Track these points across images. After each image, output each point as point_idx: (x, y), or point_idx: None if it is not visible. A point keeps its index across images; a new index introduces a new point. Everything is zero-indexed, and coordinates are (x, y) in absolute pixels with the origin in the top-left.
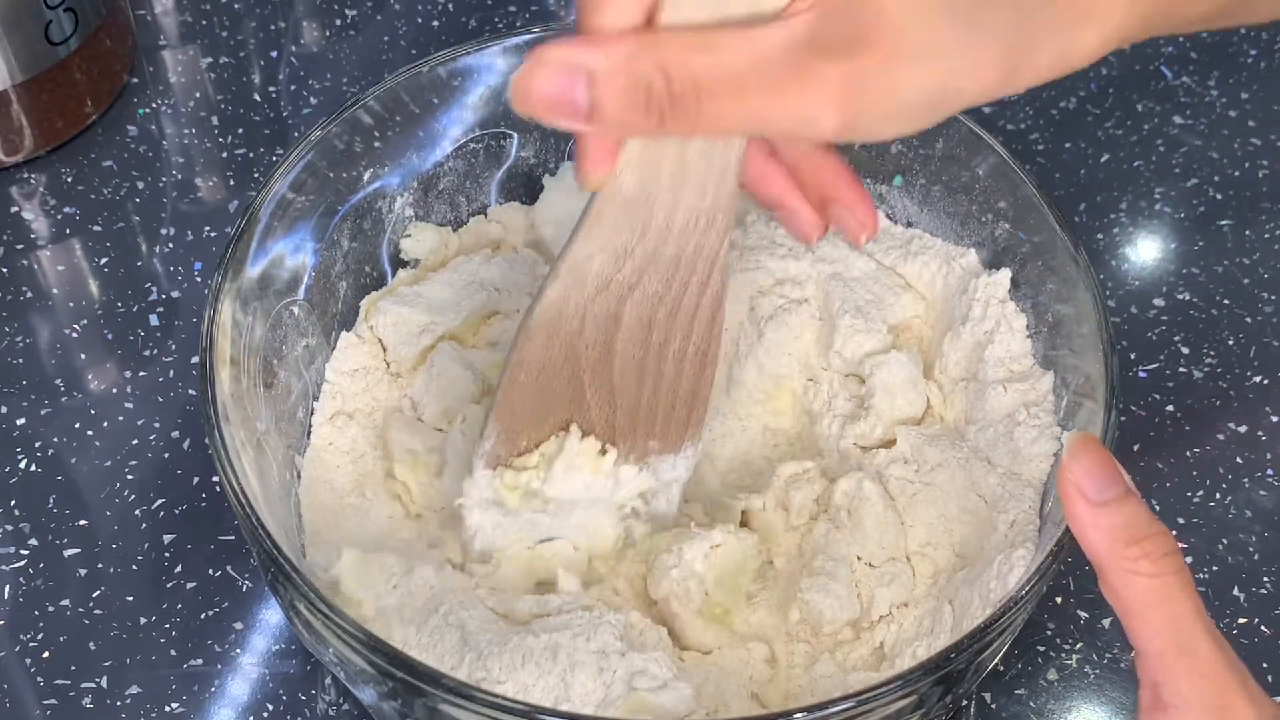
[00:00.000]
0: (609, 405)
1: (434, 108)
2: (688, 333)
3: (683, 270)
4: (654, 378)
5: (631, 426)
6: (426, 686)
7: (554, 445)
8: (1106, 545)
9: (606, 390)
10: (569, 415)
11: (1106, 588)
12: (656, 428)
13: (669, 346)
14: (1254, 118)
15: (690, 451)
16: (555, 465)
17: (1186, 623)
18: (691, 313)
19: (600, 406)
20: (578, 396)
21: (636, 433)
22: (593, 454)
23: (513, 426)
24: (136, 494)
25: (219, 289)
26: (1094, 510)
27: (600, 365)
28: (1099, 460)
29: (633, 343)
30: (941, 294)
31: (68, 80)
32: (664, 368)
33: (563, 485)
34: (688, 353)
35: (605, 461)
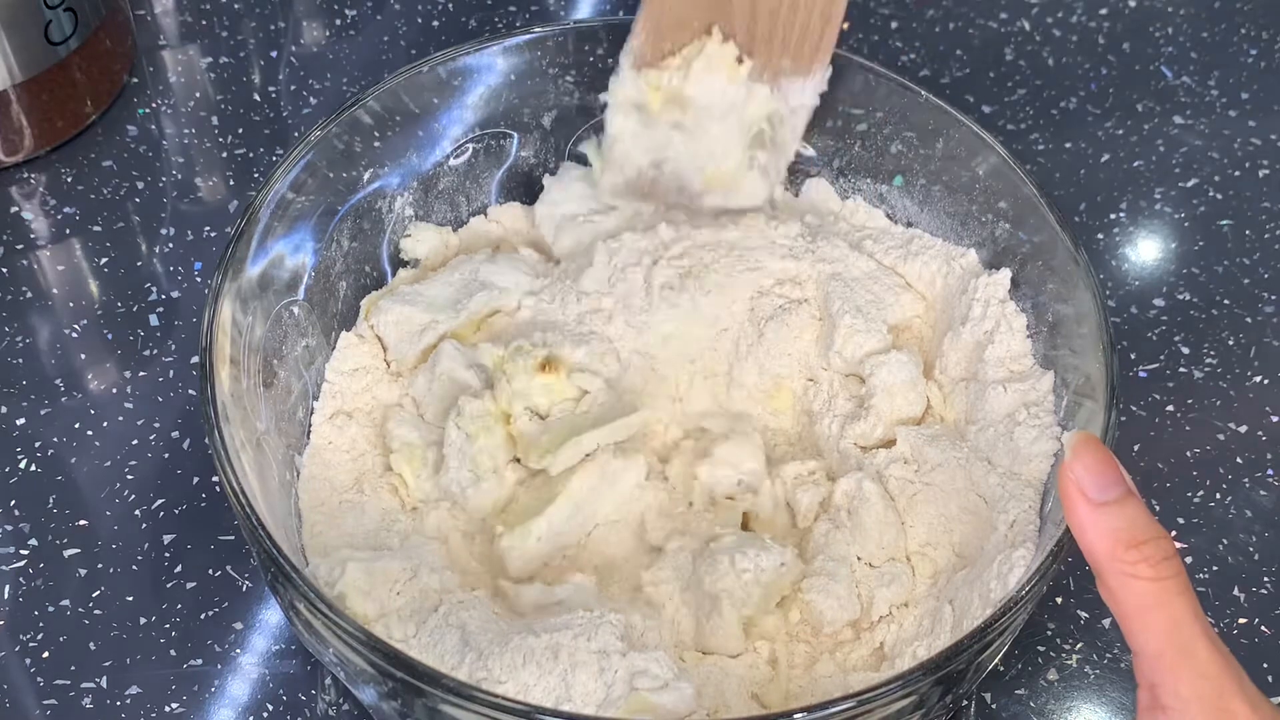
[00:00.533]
0: (750, 10)
1: (434, 108)
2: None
3: None
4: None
5: (769, 36)
6: (426, 686)
7: (695, 48)
8: (1106, 547)
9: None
10: (712, 19)
11: (1104, 589)
12: (792, 42)
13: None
14: (1254, 118)
15: (819, 77)
16: (695, 64)
17: (1185, 625)
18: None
19: (742, 12)
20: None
21: (773, 44)
22: (730, 58)
23: (660, 24)
24: (136, 494)
25: (219, 289)
26: (1094, 511)
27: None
28: (1101, 460)
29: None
30: (941, 294)
31: (68, 80)
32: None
33: (700, 86)
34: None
35: (741, 70)
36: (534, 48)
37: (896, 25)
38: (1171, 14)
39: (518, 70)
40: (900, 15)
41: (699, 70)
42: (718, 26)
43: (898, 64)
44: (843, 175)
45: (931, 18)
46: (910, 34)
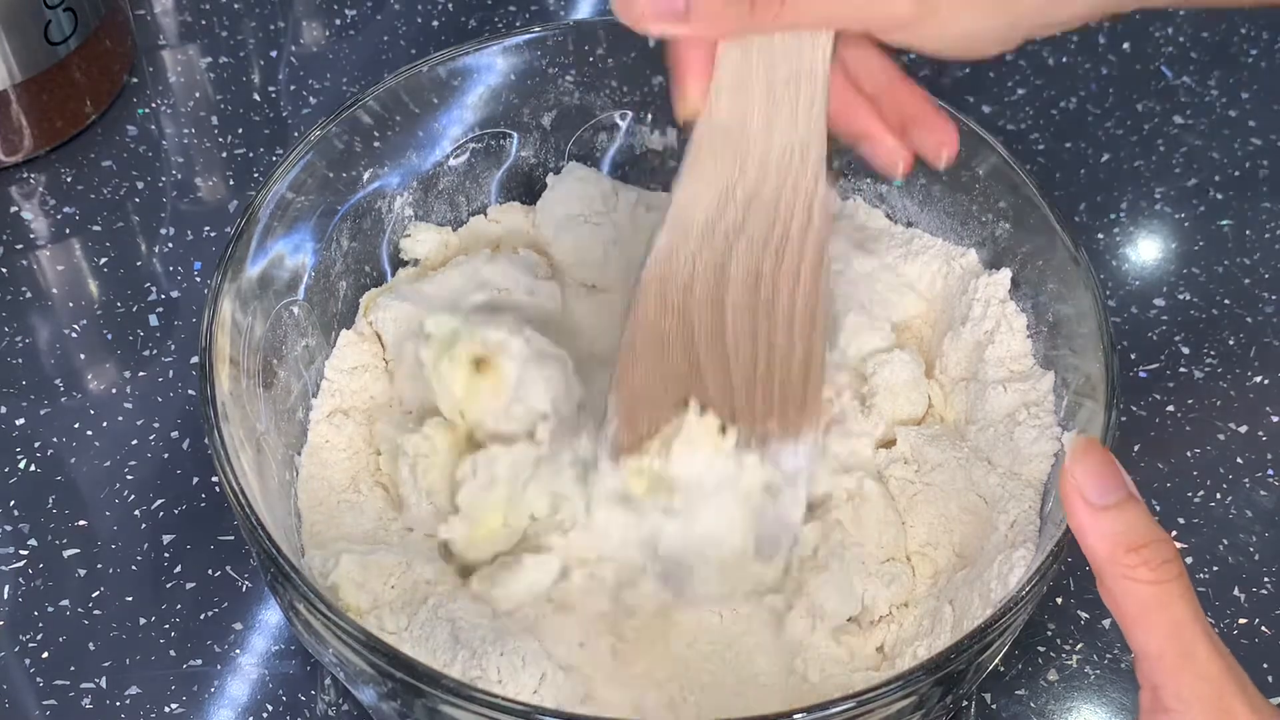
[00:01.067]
0: (725, 377)
1: (434, 108)
2: (793, 285)
3: (783, 210)
4: (766, 347)
5: (749, 403)
6: (426, 687)
7: (674, 426)
8: (1106, 550)
9: (721, 360)
10: (686, 391)
11: (1105, 592)
12: (774, 405)
13: (778, 304)
14: (1254, 118)
15: (810, 439)
16: (674, 443)
17: (1186, 627)
18: (797, 259)
19: (717, 380)
20: (694, 369)
21: (755, 411)
22: (712, 430)
23: (632, 408)
24: (136, 494)
25: (219, 289)
26: (1095, 514)
27: (714, 332)
28: (1102, 463)
29: (743, 300)
30: (941, 294)
31: (67, 80)
32: (775, 336)
33: (684, 463)
34: (797, 313)
35: (726, 441)
36: (534, 48)
37: None
38: (1171, 14)
39: (518, 70)
40: None
41: (680, 449)
42: (694, 399)
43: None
44: (843, 175)
45: None
46: None
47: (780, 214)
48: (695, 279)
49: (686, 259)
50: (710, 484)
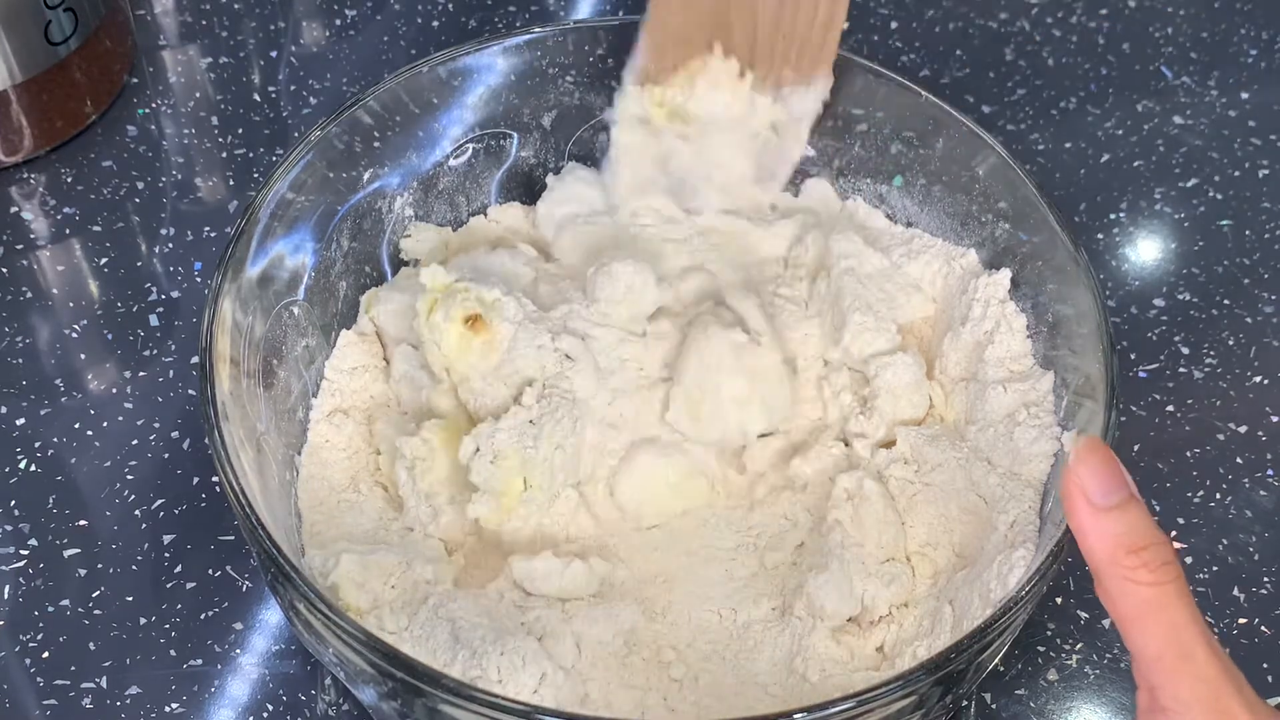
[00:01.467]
0: (751, 24)
1: (434, 108)
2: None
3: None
4: (793, 2)
5: (770, 48)
6: (426, 686)
7: (698, 64)
8: (1106, 551)
9: (750, 11)
10: (713, 35)
11: (1103, 593)
12: (793, 53)
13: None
14: (1254, 118)
15: (822, 84)
16: (698, 81)
17: (1184, 629)
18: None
19: (743, 26)
20: (722, 15)
21: (774, 56)
22: (733, 73)
23: (662, 42)
24: (136, 494)
25: (219, 289)
26: (1096, 515)
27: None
28: (1105, 464)
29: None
30: (942, 294)
31: (68, 80)
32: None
33: (705, 102)
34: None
35: (744, 84)
36: (534, 48)
37: (896, 25)
38: (1171, 14)
39: (518, 70)
40: (900, 15)
41: (703, 87)
42: (719, 43)
43: (898, 64)
44: (843, 175)
45: (931, 18)
46: (910, 34)
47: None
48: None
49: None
50: (724, 121)
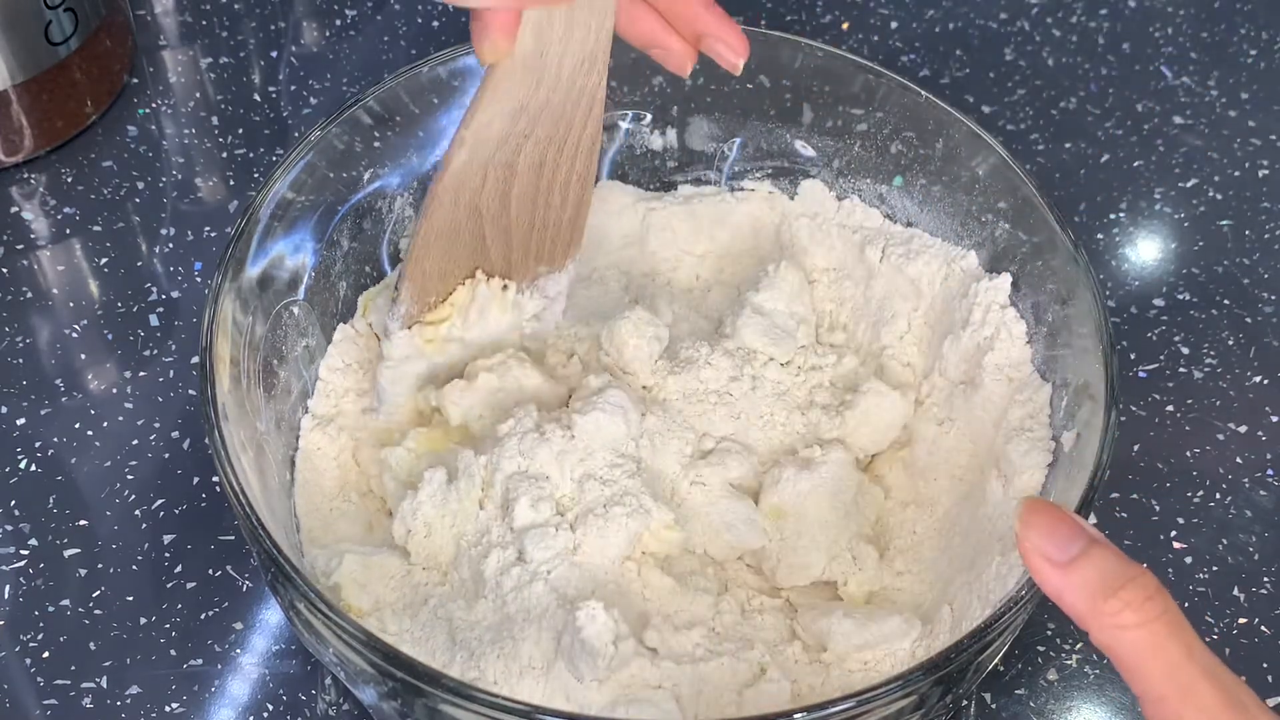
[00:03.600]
0: (506, 245)
1: (434, 108)
2: (572, 164)
3: (568, 111)
4: (543, 209)
5: (524, 258)
6: (426, 686)
7: (464, 293)
8: (1085, 604)
9: (504, 233)
10: (474, 264)
11: (1097, 645)
12: (545, 252)
13: (556, 180)
14: (1254, 118)
15: (571, 266)
16: (469, 312)
17: (1182, 667)
18: (575, 147)
19: (499, 248)
20: (479, 246)
21: (528, 262)
22: (499, 293)
23: (424, 286)
24: (136, 494)
25: (219, 289)
26: (1063, 571)
27: (499, 213)
28: (1053, 520)
29: (527, 184)
30: (941, 295)
31: (68, 80)
32: (551, 198)
33: (478, 328)
34: (572, 181)
35: (509, 296)
36: None
37: (896, 25)
38: (1171, 14)
39: None
40: (900, 15)
41: (475, 317)
42: (479, 271)
43: (898, 64)
44: (843, 175)
45: (931, 18)
46: (910, 34)
47: (566, 114)
48: (486, 179)
49: (480, 166)
50: (496, 331)
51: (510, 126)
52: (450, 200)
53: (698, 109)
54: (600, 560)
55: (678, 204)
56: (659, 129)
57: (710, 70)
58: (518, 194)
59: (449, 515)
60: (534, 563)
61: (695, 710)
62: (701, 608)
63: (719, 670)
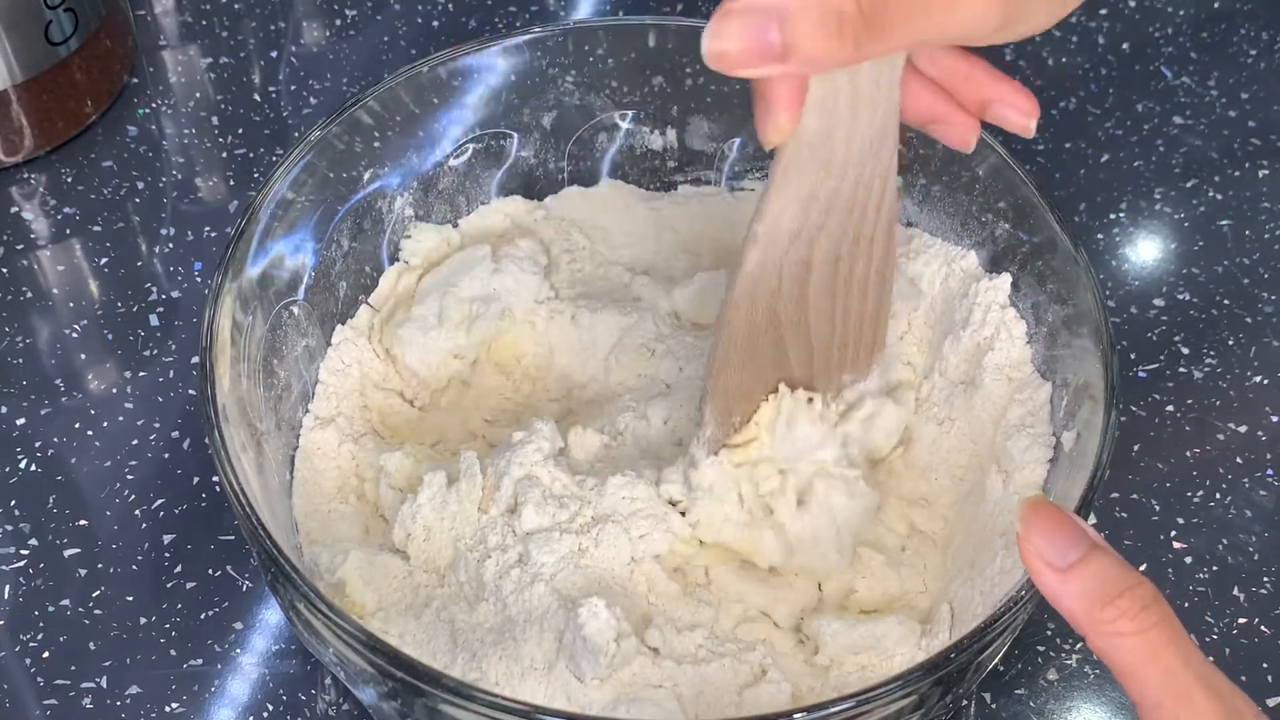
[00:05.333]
0: (807, 352)
1: (434, 108)
2: (869, 257)
3: (860, 196)
4: (842, 310)
5: (826, 366)
6: (426, 686)
7: (769, 410)
8: (1083, 611)
9: (805, 340)
10: (776, 377)
11: (1094, 650)
12: (849, 358)
13: (854, 275)
14: (1254, 118)
15: (876, 372)
16: (776, 428)
17: (1178, 674)
18: (870, 237)
19: (799, 357)
20: (780, 357)
21: (831, 370)
22: (803, 403)
23: (727, 406)
24: (136, 494)
25: (219, 289)
26: (1062, 576)
27: (798, 318)
28: (1055, 522)
29: (824, 283)
30: (941, 295)
31: (68, 80)
32: (850, 298)
33: (787, 445)
34: (870, 277)
35: (815, 408)
36: (534, 48)
37: None
38: (1171, 14)
39: (518, 70)
40: None
41: (783, 433)
42: (782, 385)
43: None
44: None
45: None
46: None
47: (858, 202)
48: (783, 281)
49: (775, 266)
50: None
51: (803, 219)
52: (748, 306)
53: (698, 109)
54: (606, 565)
55: (679, 204)
56: (659, 129)
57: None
58: (815, 295)
59: (448, 518)
60: (536, 565)
61: (695, 710)
62: (704, 615)
63: (720, 671)
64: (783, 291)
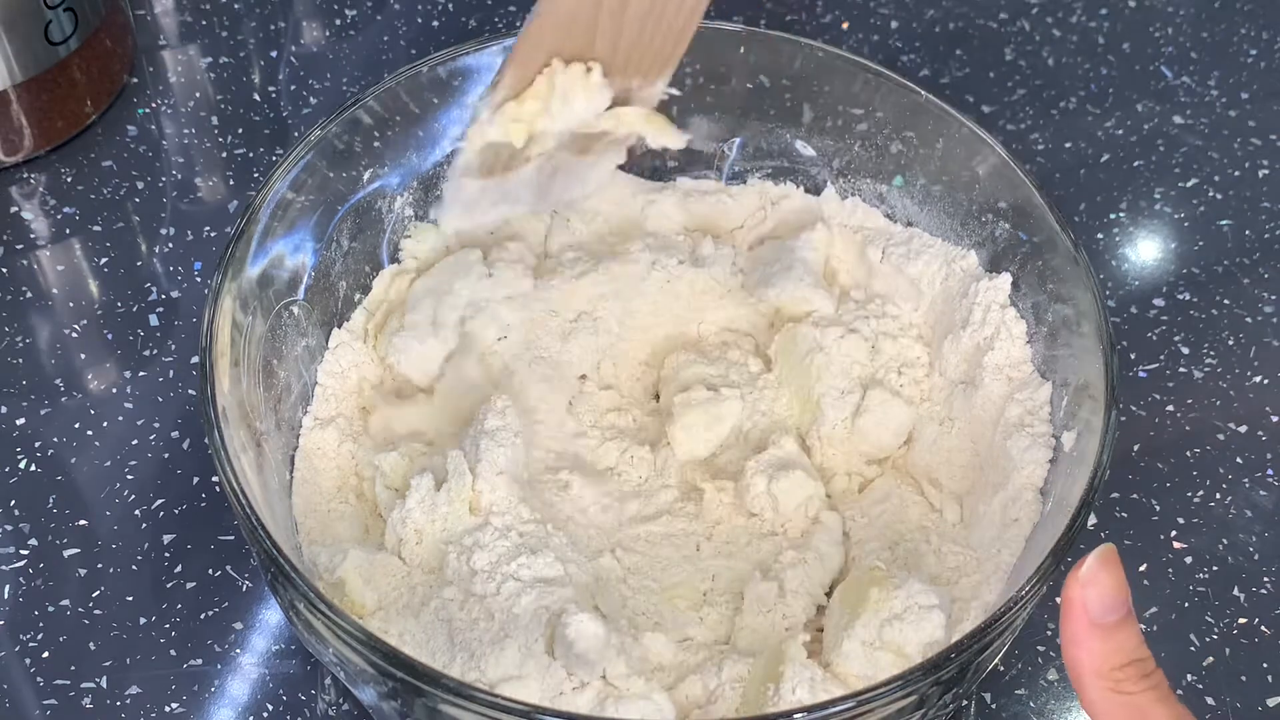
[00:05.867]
0: (613, 44)
1: (434, 108)
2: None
3: None
4: (659, 13)
5: (625, 63)
6: (426, 686)
7: (544, 83)
8: (1095, 665)
9: (615, 32)
10: (579, 59)
11: (1086, 704)
12: (645, 62)
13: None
14: (1254, 118)
15: (660, 85)
16: (552, 102)
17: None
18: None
19: (605, 46)
20: (588, 40)
21: (627, 70)
22: (582, 76)
23: (524, 77)
24: (136, 494)
25: (219, 289)
26: (1092, 631)
27: (619, 5)
28: (1114, 585)
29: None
30: (941, 295)
31: (68, 80)
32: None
33: (564, 117)
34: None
35: (593, 77)
36: None
37: (896, 25)
38: (1171, 14)
39: None
40: (900, 15)
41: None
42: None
43: (898, 64)
44: (843, 175)
45: (931, 18)
46: (910, 34)
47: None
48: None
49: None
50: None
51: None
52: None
53: (698, 109)
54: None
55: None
56: None
57: (710, 70)
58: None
59: (439, 520)
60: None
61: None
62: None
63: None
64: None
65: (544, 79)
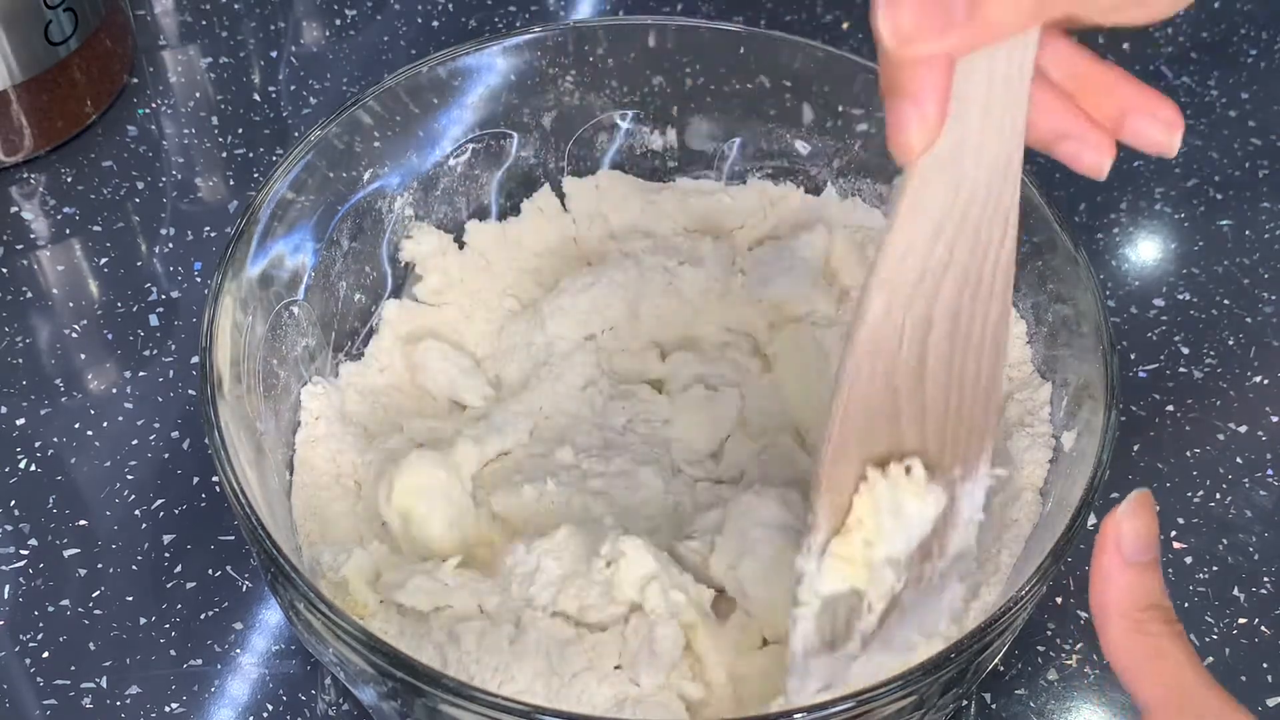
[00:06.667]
0: (920, 429)
1: (434, 108)
2: (987, 311)
3: (983, 235)
4: (958, 381)
5: (940, 451)
6: (426, 686)
7: (865, 501)
8: (1122, 603)
9: (919, 410)
10: (887, 455)
11: (1108, 643)
12: (961, 445)
13: (971, 334)
14: (1254, 118)
15: (984, 470)
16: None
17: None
18: (990, 288)
19: (913, 433)
20: (894, 431)
21: (944, 460)
22: (902, 479)
23: (841, 503)
24: (136, 494)
25: (219, 289)
26: (1124, 568)
27: (915, 384)
28: (1149, 525)
29: (943, 342)
30: None
31: (68, 80)
32: (967, 364)
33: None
34: (986, 338)
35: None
36: (534, 48)
37: None
38: None
39: (518, 70)
40: None
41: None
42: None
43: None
44: (843, 175)
45: None
46: None
47: (982, 238)
48: (903, 338)
49: (897, 321)
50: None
51: (927, 257)
52: (868, 371)
53: (698, 109)
54: None
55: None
56: (659, 129)
57: (710, 70)
58: (934, 360)
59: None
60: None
61: None
62: None
63: None
64: (902, 350)
65: (863, 497)
